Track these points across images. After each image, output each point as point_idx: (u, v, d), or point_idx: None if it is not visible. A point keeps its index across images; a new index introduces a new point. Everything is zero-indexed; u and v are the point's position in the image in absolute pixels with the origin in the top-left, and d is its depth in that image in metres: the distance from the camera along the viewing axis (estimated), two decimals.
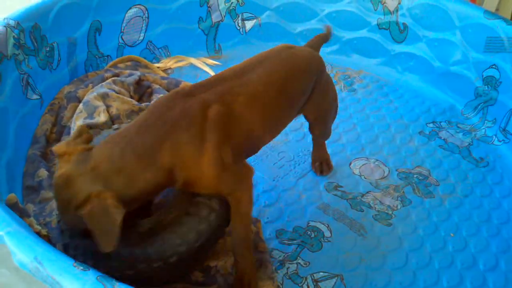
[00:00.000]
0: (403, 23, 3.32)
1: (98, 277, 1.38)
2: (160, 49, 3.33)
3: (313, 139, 2.47)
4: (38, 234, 1.83)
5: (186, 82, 2.96)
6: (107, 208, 1.47)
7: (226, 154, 1.66)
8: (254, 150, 1.97)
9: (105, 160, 1.53)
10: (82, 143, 1.63)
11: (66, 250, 1.71)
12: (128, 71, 2.90)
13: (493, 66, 2.96)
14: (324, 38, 2.32)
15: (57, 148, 1.62)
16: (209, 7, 3.42)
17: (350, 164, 2.60)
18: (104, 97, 2.52)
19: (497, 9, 3.80)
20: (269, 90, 1.84)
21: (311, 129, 2.32)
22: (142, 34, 3.25)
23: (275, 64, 1.91)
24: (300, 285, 1.97)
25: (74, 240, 1.72)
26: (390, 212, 2.34)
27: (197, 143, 1.60)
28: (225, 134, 1.66)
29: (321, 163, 2.51)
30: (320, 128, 2.33)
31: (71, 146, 1.60)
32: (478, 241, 2.24)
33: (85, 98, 2.54)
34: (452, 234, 2.26)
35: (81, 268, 1.40)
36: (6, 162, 2.22)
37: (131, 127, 1.62)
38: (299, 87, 2.00)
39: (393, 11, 3.31)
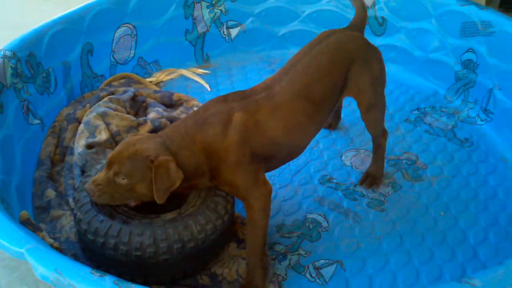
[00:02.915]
0: (381, 17, 3.44)
1: (115, 281, 1.51)
2: (151, 64, 3.45)
3: (373, 151, 2.53)
4: (51, 246, 1.97)
5: (179, 94, 3.08)
6: (170, 169, 1.83)
7: (243, 153, 1.91)
8: (284, 156, 2.12)
9: (168, 137, 1.92)
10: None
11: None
12: (122, 89, 3.02)
13: (470, 50, 3.09)
14: (360, 15, 2.40)
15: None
16: (194, 19, 3.54)
17: (341, 156, 2.73)
18: (103, 115, 2.64)
19: None
20: (292, 100, 2.01)
21: (363, 118, 2.39)
22: (132, 51, 3.37)
23: (297, 73, 2.06)
24: (302, 273, 2.10)
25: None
26: (382, 199, 2.46)
27: (221, 138, 1.90)
28: (245, 137, 1.92)
29: (373, 179, 2.52)
30: (366, 112, 2.36)
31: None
32: (467, 217, 2.37)
33: (85, 118, 2.66)
34: (442, 213, 2.39)
35: (98, 274, 1.53)
36: (16, 185, 2.35)
37: (182, 119, 2.01)
38: (325, 87, 2.10)
39: (371, 6, 3.43)
